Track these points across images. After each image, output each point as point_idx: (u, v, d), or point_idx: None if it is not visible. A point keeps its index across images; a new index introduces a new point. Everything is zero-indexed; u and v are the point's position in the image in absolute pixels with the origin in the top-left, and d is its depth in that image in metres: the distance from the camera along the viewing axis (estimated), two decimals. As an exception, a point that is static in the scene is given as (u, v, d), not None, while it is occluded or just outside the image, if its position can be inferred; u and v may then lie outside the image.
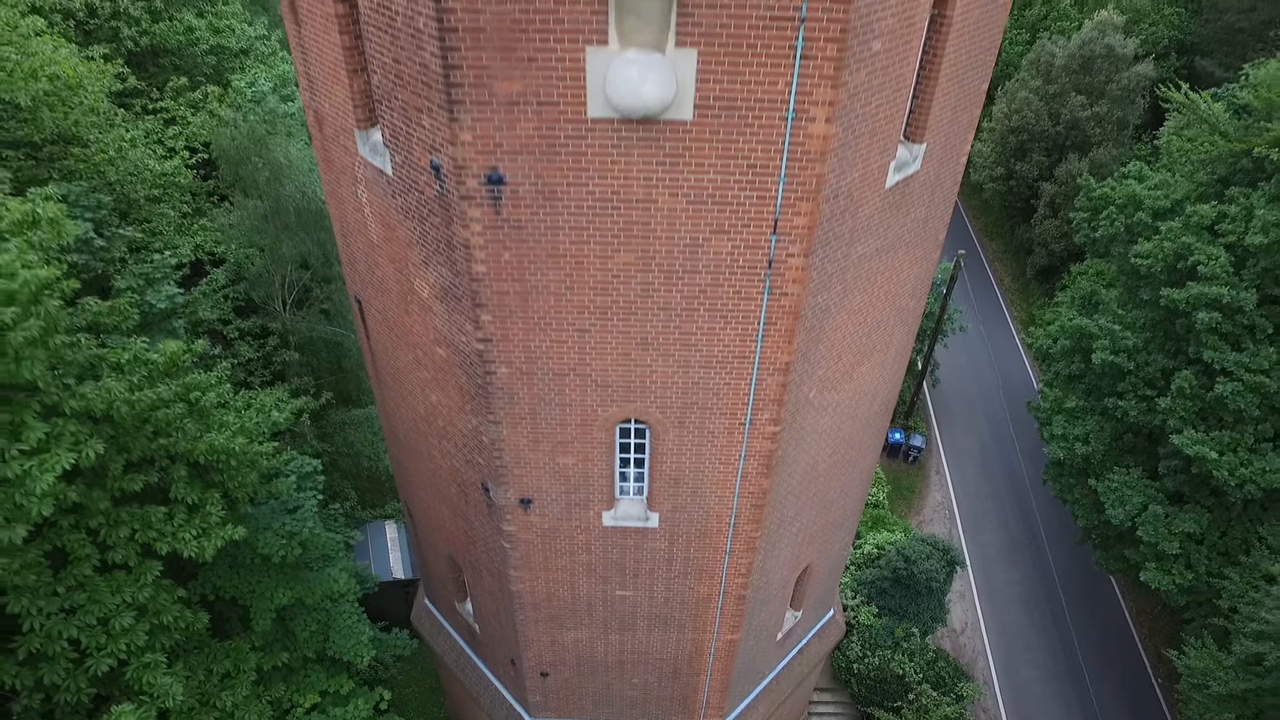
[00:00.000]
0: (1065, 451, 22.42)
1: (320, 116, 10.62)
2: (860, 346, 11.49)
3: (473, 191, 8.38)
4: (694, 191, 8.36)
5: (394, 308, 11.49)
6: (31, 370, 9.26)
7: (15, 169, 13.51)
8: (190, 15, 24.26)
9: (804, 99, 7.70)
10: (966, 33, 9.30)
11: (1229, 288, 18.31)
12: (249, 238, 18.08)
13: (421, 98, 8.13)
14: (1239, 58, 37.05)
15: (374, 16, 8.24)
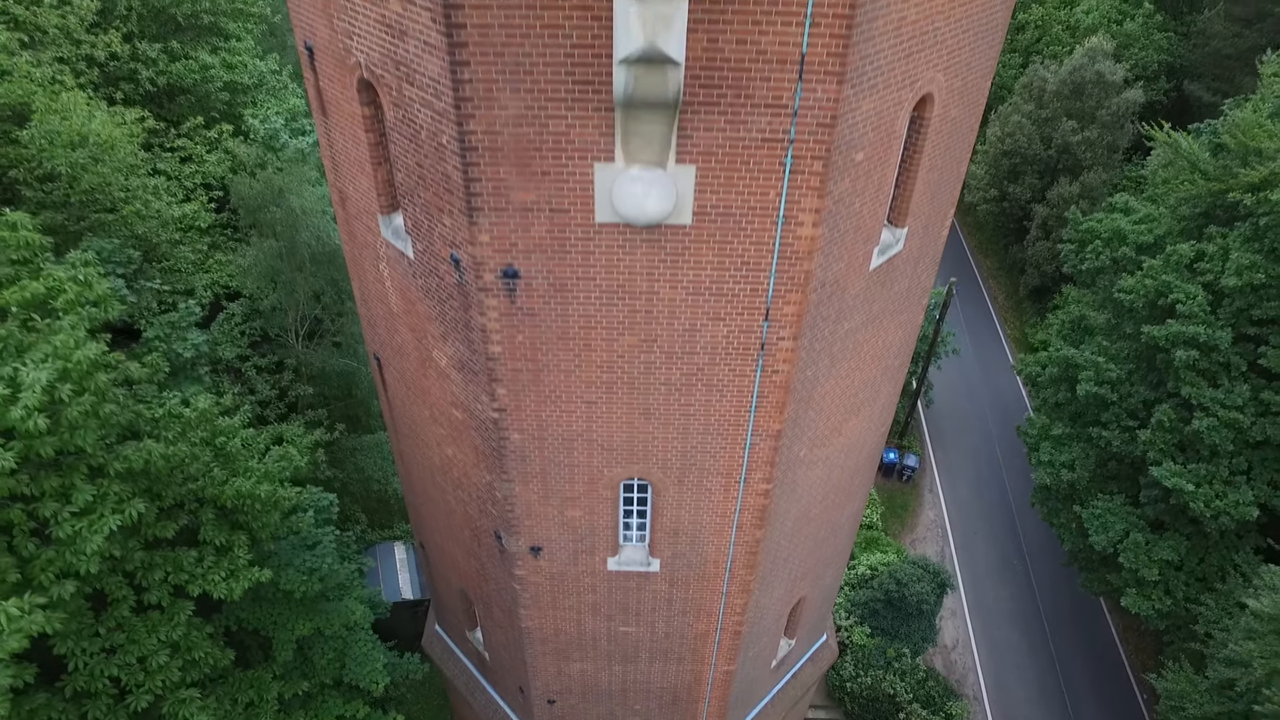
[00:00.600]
0: (1052, 478, 23.23)
1: (344, 196, 11.41)
2: (848, 405, 12.29)
3: (490, 284, 9.17)
4: (693, 285, 9.16)
5: (412, 369, 12.29)
6: (85, 439, 10.06)
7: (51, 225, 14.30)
8: (205, 54, 25.04)
9: (793, 206, 8.50)
10: (945, 129, 10.09)
11: (1205, 326, 19.11)
12: (265, 276, 18.89)
13: (443, 200, 8.92)
14: (1227, 82, 37.85)
15: (399, 125, 9.03)
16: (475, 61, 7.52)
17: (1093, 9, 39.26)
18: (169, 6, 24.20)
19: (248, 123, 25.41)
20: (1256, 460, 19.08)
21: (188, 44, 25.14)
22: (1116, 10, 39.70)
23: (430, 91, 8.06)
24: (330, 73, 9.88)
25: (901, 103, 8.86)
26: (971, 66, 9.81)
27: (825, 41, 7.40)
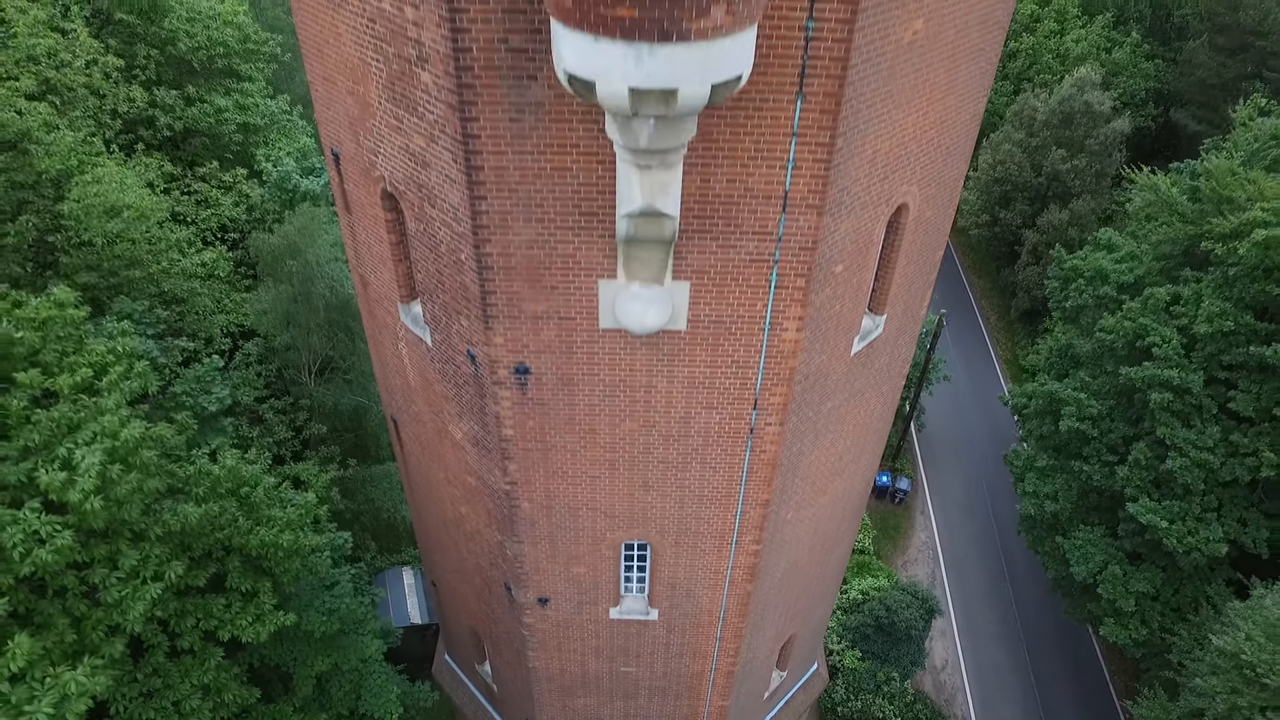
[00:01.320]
0: (1036, 508, 24.17)
1: (365, 281, 12.32)
2: (832, 469, 13.21)
3: (503, 378, 10.09)
4: (688, 380, 10.08)
5: (428, 436, 13.20)
6: (131, 513, 10.98)
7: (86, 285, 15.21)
8: (219, 97, 25.94)
9: (778, 315, 9.41)
10: (920, 230, 11.00)
11: (1179, 370, 20.03)
12: (281, 320, 19.80)
13: (460, 304, 9.83)
14: (1212, 110, 38.75)
15: (420, 236, 9.94)
16: (492, 196, 8.43)
17: (1082, 38, 40.14)
18: (186, 54, 25.10)
19: (260, 163, 26.35)
20: (1226, 498, 20.00)
21: (202, 88, 26.04)
22: (1106, 38, 40.60)
23: (450, 215, 8.98)
24: (355, 178, 10.79)
25: (878, 217, 9.78)
26: (944, 175, 10.72)
27: (806, 180, 8.33)
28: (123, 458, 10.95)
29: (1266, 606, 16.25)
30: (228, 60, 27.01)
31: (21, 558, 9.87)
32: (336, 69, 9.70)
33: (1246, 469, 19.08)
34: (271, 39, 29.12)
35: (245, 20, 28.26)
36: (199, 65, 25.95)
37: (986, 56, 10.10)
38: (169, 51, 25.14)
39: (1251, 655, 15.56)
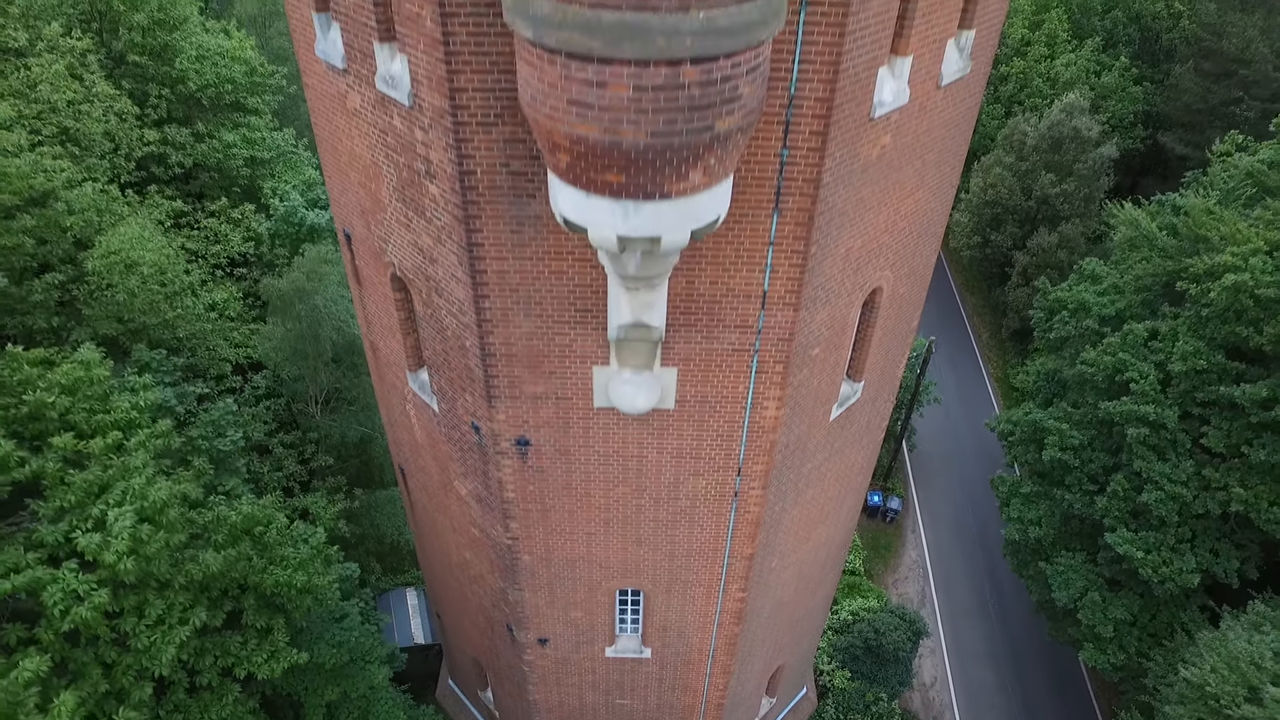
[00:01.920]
0: (1020, 533, 24.96)
1: (375, 347, 13.10)
2: (814, 519, 13.99)
3: (505, 449, 10.87)
4: (676, 451, 10.86)
5: (434, 487, 13.98)
6: (159, 567, 11.76)
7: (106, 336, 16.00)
8: (227, 132, 26.69)
9: (759, 396, 10.19)
10: (894, 306, 11.77)
11: (1155, 405, 20.79)
12: (290, 357, 20.57)
13: (464, 382, 10.61)
14: (1198, 133, 39.48)
15: (428, 319, 10.71)
16: (494, 295, 9.21)
17: (1072, 63, 40.86)
18: (195, 93, 25.86)
19: (267, 196, 27.11)
20: (1200, 529, 20.77)
21: (211, 124, 26.80)
22: (1095, 62, 41.33)
23: (456, 308, 9.75)
24: (366, 259, 11.56)
25: (853, 303, 10.56)
26: (916, 256, 11.50)
27: (783, 281, 9.11)
28: (151, 516, 11.73)
29: (1229, 640, 17.03)
30: (235, 95, 27.76)
31: (62, 615, 10.66)
32: (349, 164, 10.47)
33: (1218, 503, 19.85)
34: (277, 72, 29.86)
35: (252, 54, 29.01)
36: (208, 102, 26.69)
37: (955, 152, 10.88)
38: (179, 90, 25.88)
39: (1215, 687, 16.34)
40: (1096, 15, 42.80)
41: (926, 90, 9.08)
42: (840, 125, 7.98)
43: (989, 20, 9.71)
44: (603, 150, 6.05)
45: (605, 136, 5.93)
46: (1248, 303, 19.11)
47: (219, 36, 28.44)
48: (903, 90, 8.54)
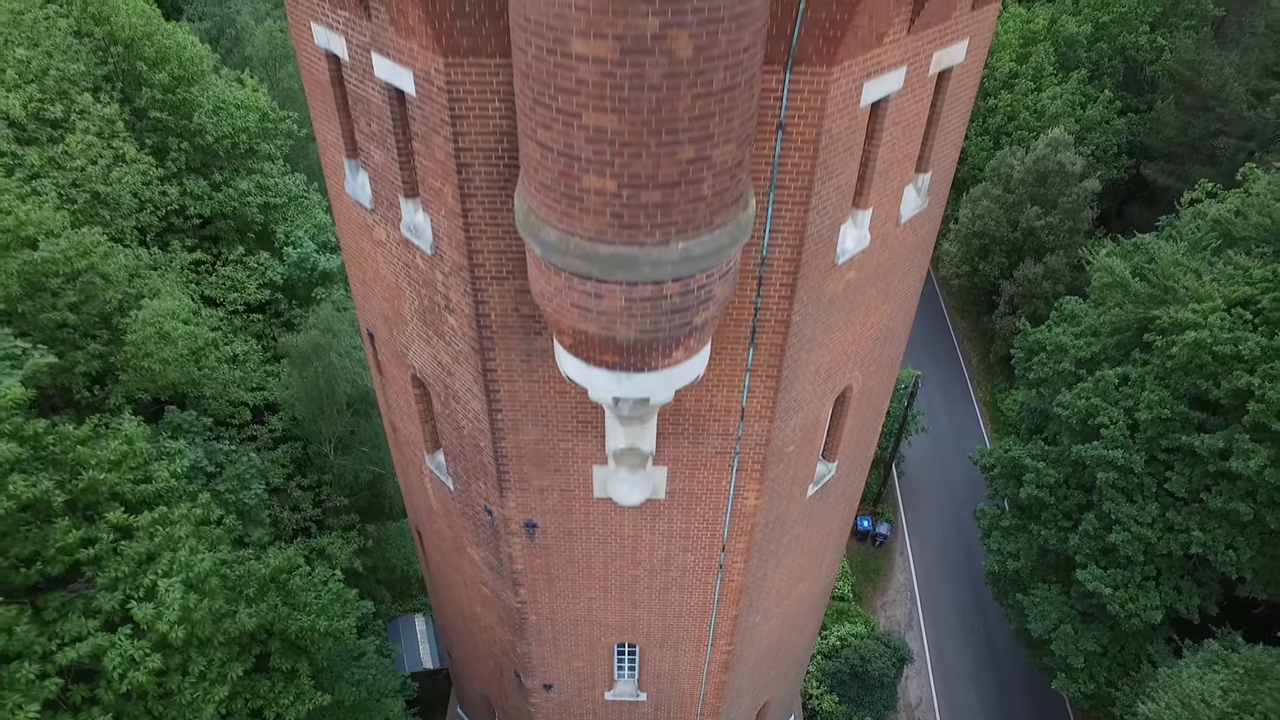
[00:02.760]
0: (999, 565, 26.27)
1: (395, 427, 14.36)
2: (795, 577, 15.26)
3: (515, 530, 12.15)
4: (667, 532, 12.13)
5: (448, 549, 15.26)
6: (204, 630, 13.05)
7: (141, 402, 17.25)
8: (242, 180, 27.95)
9: (740, 489, 11.47)
10: (864, 400, 13.03)
11: (1124, 450, 22.06)
12: (307, 406, 21.86)
13: (478, 472, 11.87)
14: (1179, 165, 40.72)
15: (446, 417, 11.98)
16: (505, 409, 10.48)
17: (1058, 95, 42.07)
18: (213, 145, 27.11)
19: (280, 241, 28.38)
20: (1164, 568, 22.03)
21: (227, 172, 28.06)
22: (1080, 93, 42.52)
23: (471, 415, 11.02)
24: (388, 357, 12.82)
25: (825, 405, 11.82)
26: (884, 356, 12.75)
27: (759, 398, 10.37)
28: (196, 584, 13.02)
29: (1183, 678, 18.29)
30: (249, 143, 29.02)
31: (120, 678, 11.95)
32: (374, 280, 11.73)
33: (1180, 544, 21.11)
34: (287, 116, 31.09)
35: (264, 100, 30.25)
36: (224, 152, 27.96)
37: (919, 264, 12.13)
38: (197, 142, 27.15)
39: (1171, 723, 17.64)
40: (1082, 48, 44.01)
41: (887, 229, 10.34)
42: (807, 274, 9.24)
43: (944, 159, 10.97)
44: (600, 341, 7.32)
45: (602, 332, 7.20)
46: (1207, 358, 20.36)
47: (233, 85, 29.71)
48: (864, 236, 9.80)
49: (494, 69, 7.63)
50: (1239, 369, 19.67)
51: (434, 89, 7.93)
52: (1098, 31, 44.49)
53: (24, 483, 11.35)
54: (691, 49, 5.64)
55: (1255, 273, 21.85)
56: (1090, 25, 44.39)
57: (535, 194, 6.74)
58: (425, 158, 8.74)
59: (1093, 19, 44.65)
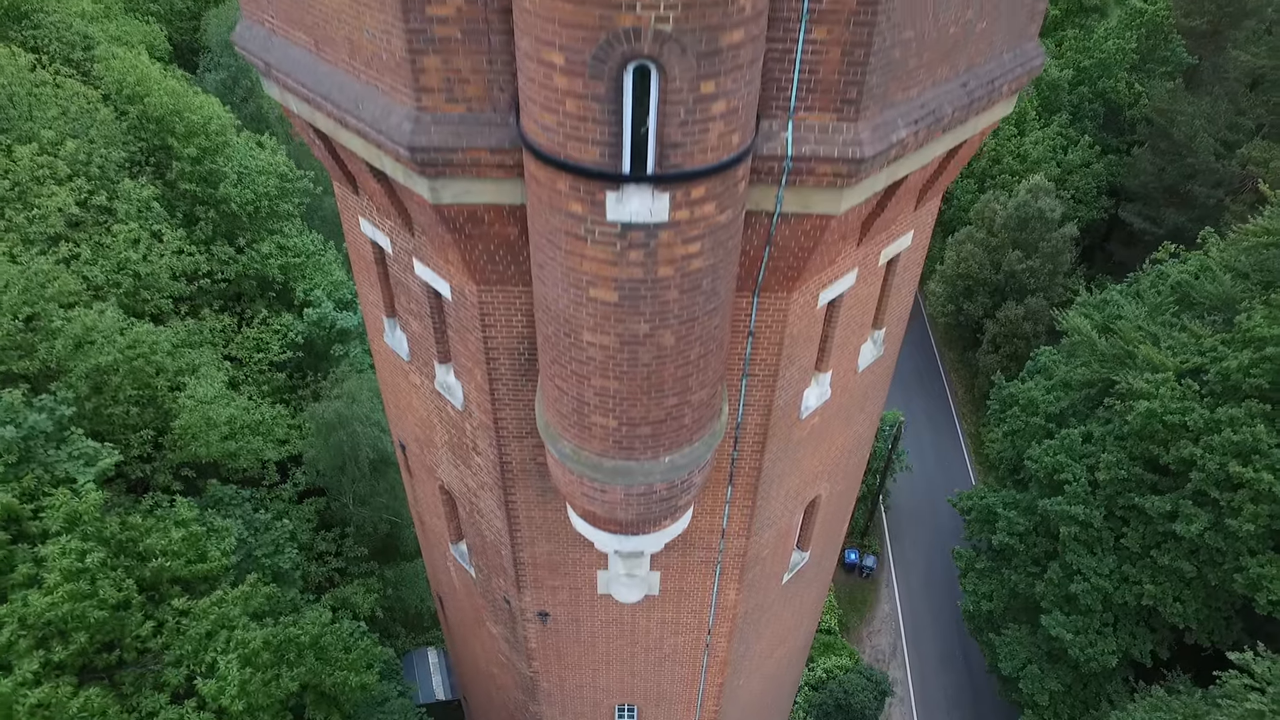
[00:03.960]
0: (974, 605, 28.18)
1: (422, 519, 16.24)
2: (775, 644, 17.16)
3: (530, 617, 14.04)
4: (660, 620, 14.02)
5: (468, 619, 17.15)
6: (256, 699, 14.96)
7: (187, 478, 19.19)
8: (264, 243, 29.82)
9: (723, 587, 13.35)
10: (833, 502, 14.89)
11: (1085, 505, 23.95)
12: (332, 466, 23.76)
13: (498, 571, 13.75)
14: (1155, 208, 42.56)
15: (469, 524, 13.84)
16: (523, 530, 12.36)
17: (1040, 141, 43.88)
18: (237, 211, 28.98)
19: (298, 298, 30.26)
20: (1120, 615, 23.92)
21: (249, 235, 29.92)
22: (1062, 136, 44.31)
23: (493, 530, 12.90)
24: (419, 468, 14.69)
25: (795, 515, 13.70)
26: (850, 468, 14.62)
27: (737, 522, 12.25)
28: (249, 659, 14.92)
29: (1131, 725, 20.25)
30: (270, 206, 30.88)
31: (187, 749, 13.88)
32: (407, 408, 13.59)
33: (1134, 595, 23.01)
34: (304, 175, 32.93)
35: (282, 161, 32.10)
36: (246, 218, 29.84)
37: (880, 392, 13.99)
38: (223, 209, 29.03)
39: (1119, 767, 19.55)
40: (1064, 91, 45.81)
41: (847, 379, 12.20)
42: (775, 432, 11.11)
43: (897, 315, 12.83)
44: (604, 518, 9.21)
45: (605, 514, 9.08)
46: (1158, 426, 22.23)
47: (253, 148, 31.58)
48: (825, 391, 11.67)
49: (518, 293, 9.49)
50: (1185, 438, 21.54)
51: (468, 302, 9.79)
52: (1079, 75, 46.28)
53: (111, 586, 13.24)
54: (674, 340, 7.52)
55: (1206, 342, 23.71)
56: (1072, 70, 46.20)
57: (554, 417, 8.62)
58: (458, 343, 10.60)
59: (1074, 63, 46.45)
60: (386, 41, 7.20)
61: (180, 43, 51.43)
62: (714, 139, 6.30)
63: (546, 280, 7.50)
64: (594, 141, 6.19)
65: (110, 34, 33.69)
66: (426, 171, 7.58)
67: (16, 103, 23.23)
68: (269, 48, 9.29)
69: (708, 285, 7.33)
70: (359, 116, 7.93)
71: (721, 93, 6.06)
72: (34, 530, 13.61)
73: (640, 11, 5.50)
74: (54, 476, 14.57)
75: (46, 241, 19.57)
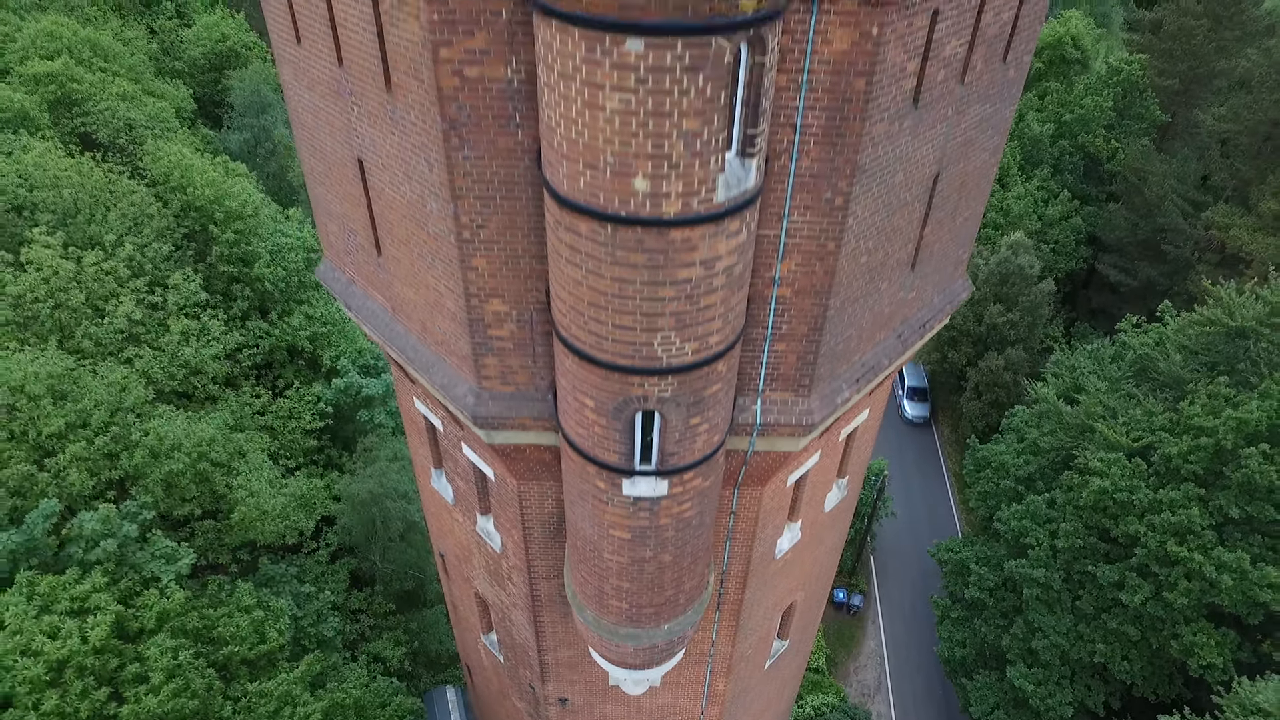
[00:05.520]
0: (949, 651, 30.69)
1: (457, 608, 18.75)
2: (761, 711, 19.66)
3: (552, 702, 16.57)
4: (662, 704, 16.54)
5: (494, 692, 19.66)
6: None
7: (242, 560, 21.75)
8: (294, 317, 32.31)
9: (714, 680, 15.86)
10: (807, 605, 17.38)
11: (1045, 568, 26.44)
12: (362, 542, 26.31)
13: (524, 663, 16.27)
14: (1130, 261, 44.96)
15: (501, 626, 16.35)
16: (549, 639, 14.87)
17: (1023, 196, 46.29)
18: (270, 289, 31.49)
19: (325, 365, 32.77)
20: (1077, 669, 26.41)
21: (280, 307, 32.41)
22: (1043, 190, 46.72)
23: (521, 636, 15.40)
24: (456, 576, 17.19)
25: (775, 620, 16.20)
26: (823, 576, 17.11)
27: (724, 634, 14.75)
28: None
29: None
30: (299, 278, 33.37)
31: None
32: (449, 534, 16.09)
33: (1087, 653, 25.51)
34: (333, 244, 35.38)
35: (309, 235, 34.57)
36: (278, 293, 32.35)
37: (848, 513, 16.47)
38: (257, 287, 31.54)
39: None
40: (1046, 146, 48.21)
41: (816, 519, 14.71)
42: (754, 573, 13.61)
43: (860, 461, 15.32)
44: (617, 661, 11.72)
45: (618, 659, 11.60)
46: (1109, 502, 24.71)
47: (281, 221, 34.11)
48: (796, 535, 14.17)
49: (551, 486, 11.98)
50: (1132, 515, 24.03)
51: (508, 486, 12.28)
52: (1060, 129, 48.67)
53: (199, 676, 15.74)
54: (671, 558, 10.02)
55: (1157, 420, 26.17)
56: (1053, 124, 48.60)
57: (580, 593, 11.13)
58: (498, 508, 13.10)
59: (1055, 116, 48.84)
60: (456, 342, 9.69)
61: (202, 95, 53.87)
62: (700, 446, 8.80)
63: (577, 515, 10.00)
64: (614, 450, 8.68)
65: (149, 114, 36.14)
66: (483, 426, 10.08)
67: (81, 208, 25.74)
68: (349, 293, 11.78)
69: (695, 522, 9.83)
70: (430, 379, 10.42)
71: (705, 421, 8.56)
72: (133, 628, 16.10)
73: (647, 387, 7.99)
74: (141, 576, 17.07)
75: (117, 346, 22.11)
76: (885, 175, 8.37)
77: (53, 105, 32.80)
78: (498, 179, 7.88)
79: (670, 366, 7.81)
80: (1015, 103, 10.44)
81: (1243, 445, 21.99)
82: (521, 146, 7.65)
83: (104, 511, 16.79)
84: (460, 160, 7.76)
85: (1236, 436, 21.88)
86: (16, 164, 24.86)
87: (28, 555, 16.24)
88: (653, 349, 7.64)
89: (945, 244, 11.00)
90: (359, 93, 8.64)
